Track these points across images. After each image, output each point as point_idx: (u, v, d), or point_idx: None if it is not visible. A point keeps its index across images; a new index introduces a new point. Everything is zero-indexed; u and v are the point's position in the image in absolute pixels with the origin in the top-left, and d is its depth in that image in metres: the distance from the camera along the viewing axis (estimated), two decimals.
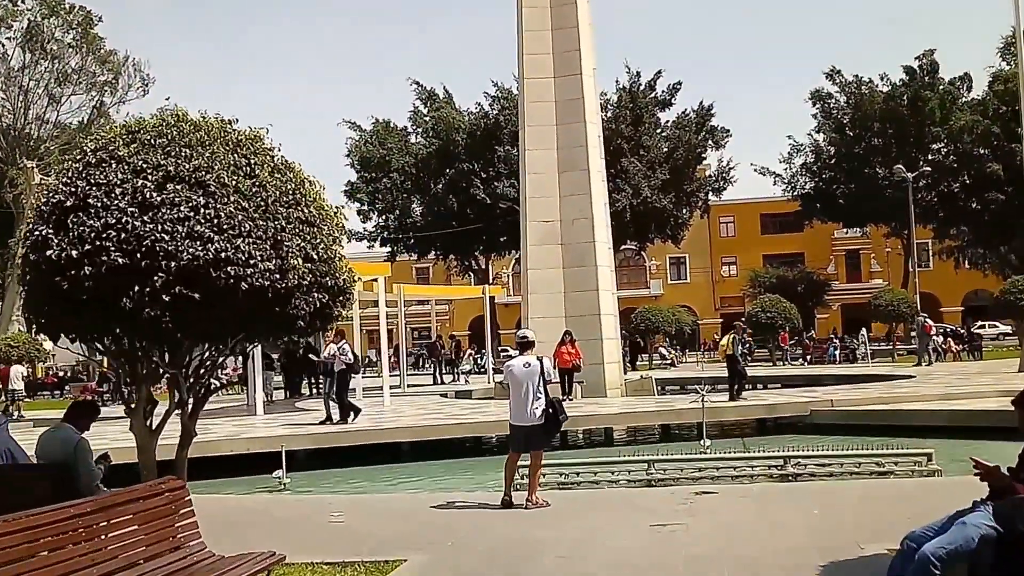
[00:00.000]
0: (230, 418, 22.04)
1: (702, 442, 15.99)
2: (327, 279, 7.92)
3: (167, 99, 61.52)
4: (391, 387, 25.13)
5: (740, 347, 21.69)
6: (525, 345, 10.58)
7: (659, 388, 30.05)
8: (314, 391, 30.19)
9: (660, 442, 19.11)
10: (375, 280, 23.12)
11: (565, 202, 25.16)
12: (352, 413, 18.91)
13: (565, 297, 24.88)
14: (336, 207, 8.60)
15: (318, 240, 7.77)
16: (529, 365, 10.30)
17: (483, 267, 54.48)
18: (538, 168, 25.39)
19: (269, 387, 27.33)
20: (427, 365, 39.06)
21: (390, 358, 27.04)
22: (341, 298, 8.28)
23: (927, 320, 34.63)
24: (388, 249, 52.86)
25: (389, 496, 13.48)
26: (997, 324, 46.23)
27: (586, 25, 26.03)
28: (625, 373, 30.63)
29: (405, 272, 68.23)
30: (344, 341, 19.17)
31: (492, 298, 50.08)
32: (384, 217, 52.24)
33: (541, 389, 10.21)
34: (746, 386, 21.33)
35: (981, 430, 16.44)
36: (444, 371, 33.93)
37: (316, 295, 7.80)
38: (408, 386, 32.51)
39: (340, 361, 18.74)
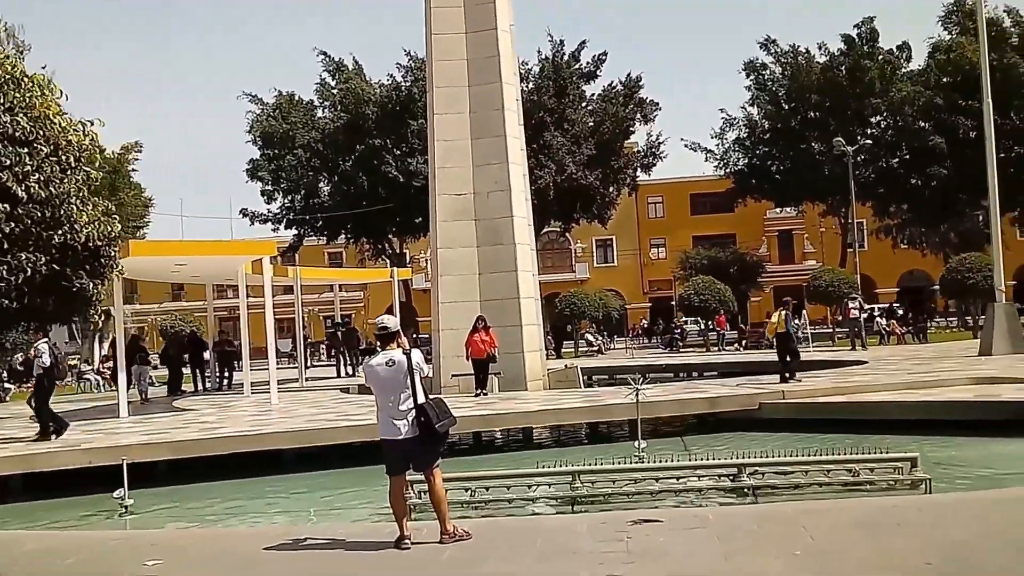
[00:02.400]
0: (89, 422, 18.75)
1: (636, 444, 13.43)
2: (54, 232, 4.94)
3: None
4: (280, 382, 22.06)
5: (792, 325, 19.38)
6: (386, 337, 7.76)
7: (586, 378, 27.68)
8: (201, 386, 26.90)
9: (589, 442, 16.59)
10: (261, 261, 19.91)
11: (479, 172, 22.37)
12: (54, 428, 15.33)
13: (480, 279, 22.14)
14: (81, 122, 5.56)
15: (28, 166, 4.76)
16: (393, 363, 7.58)
17: (397, 250, 51.22)
18: (448, 134, 22.54)
19: (144, 384, 23.96)
20: (332, 356, 35.82)
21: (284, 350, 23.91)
22: (93, 264, 5.29)
23: (858, 299, 32.74)
24: (294, 232, 49.35)
25: (239, 531, 10.52)
26: (881, 306, 44.47)
27: None
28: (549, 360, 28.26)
29: (317, 256, 64.66)
30: (44, 339, 15.66)
31: (406, 282, 47.13)
32: (290, 198, 48.63)
33: (412, 392, 7.55)
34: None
35: (959, 425, 14.17)
36: (356, 363, 30.79)
37: (30, 256, 4.81)
38: (308, 380, 29.37)
39: (37, 365, 15.39)
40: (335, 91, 47.23)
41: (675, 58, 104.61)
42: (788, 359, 18.62)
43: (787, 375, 18.37)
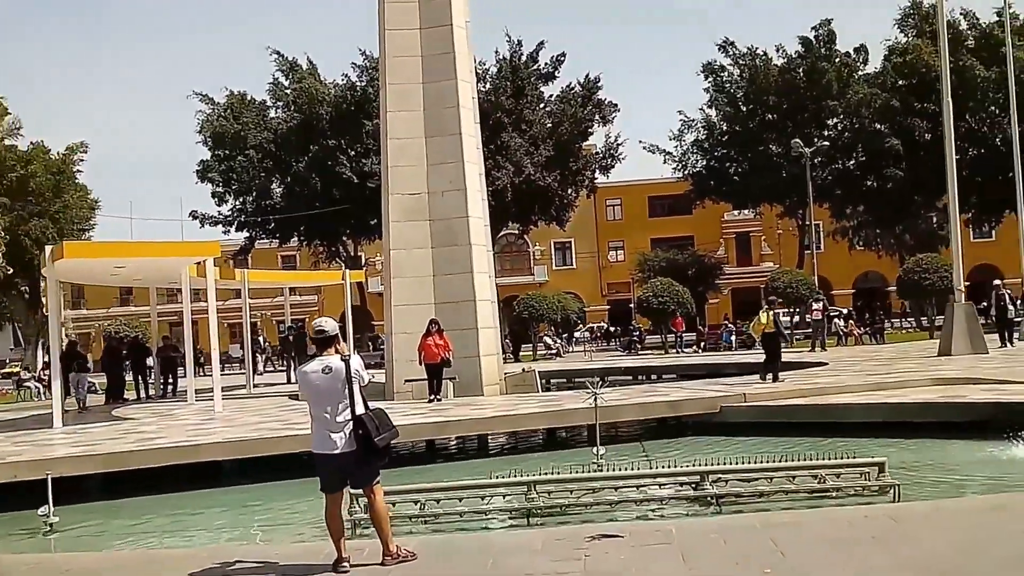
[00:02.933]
0: (21, 432, 17.80)
1: (595, 451, 12.88)
2: None
3: None
4: (227, 389, 21.21)
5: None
6: (323, 342, 7.10)
7: (544, 382, 27.17)
8: (144, 394, 25.91)
9: (546, 449, 15.98)
10: (205, 263, 19.04)
11: (433, 171, 21.75)
12: None
13: (434, 281, 21.52)
14: None
15: None
16: (330, 370, 6.90)
17: (352, 253, 50.26)
18: (401, 132, 21.89)
19: (82, 392, 22.92)
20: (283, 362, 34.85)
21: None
22: None
23: (822, 300, 32.53)
24: (245, 235, 48.21)
25: (164, 553, 9.76)
26: (840, 310, 44.34)
27: None
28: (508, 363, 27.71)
29: (270, 259, 63.40)
30: None
31: (360, 285, 46.17)
32: (241, 200, 47.51)
33: (350, 402, 6.92)
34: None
35: (924, 428, 13.81)
36: None
37: None
38: (257, 386, 28.51)
39: None
40: (288, 91, 46.28)
41: (634, 60, 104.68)
42: (773, 360, 18.54)
43: (774, 375, 18.20)
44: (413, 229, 21.64)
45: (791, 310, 38.24)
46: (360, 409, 6.93)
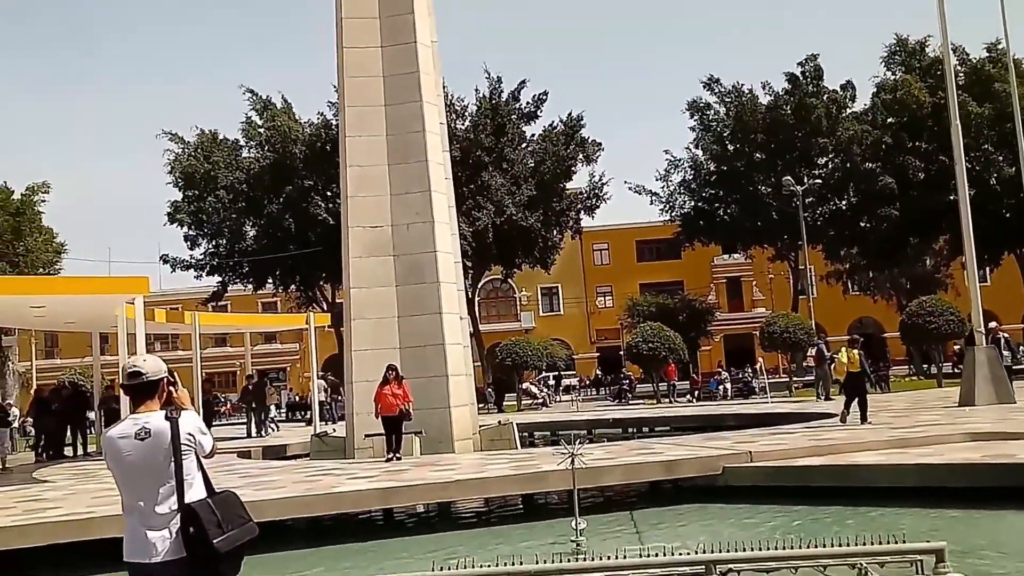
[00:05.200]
0: None
1: (574, 524, 10.58)
2: None
3: None
4: None
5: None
6: (140, 390, 4.72)
7: (526, 435, 24.91)
8: (83, 450, 23.41)
9: (521, 517, 13.65)
10: (134, 302, 16.73)
11: (397, 202, 19.73)
12: None
13: (399, 322, 19.40)
14: None
15: None
16: (147, 434, 4.53)
17: (330, 298, 47.86)
18: (361, 159, 19.91)
19: (3, 448, 20.45)
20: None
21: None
22: None
23: (823, 344, 30.28)
24: (218, 279, 45.89)
25: None
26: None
27: None
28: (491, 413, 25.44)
29: (249, 305, 61.21)
30: None
31: (339, 331, 43.72)
32: (215, 243, 45.29)
33: (177, 484, 4.59)
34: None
35: (963, 493, 11.53)
36: (265, 421, 27.50)
37: None
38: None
39: None
40: (262, 129, 44.34)
41: (617, 98, 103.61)
42: (861, 401, 17.99)
43: (863, 416, 17.76)
44: (375, 265, 19.57)
45: (786, 356, 36.11)
46: (197, 494, 4.60)
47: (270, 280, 46.19)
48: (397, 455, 16.57)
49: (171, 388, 4.81)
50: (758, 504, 12.70)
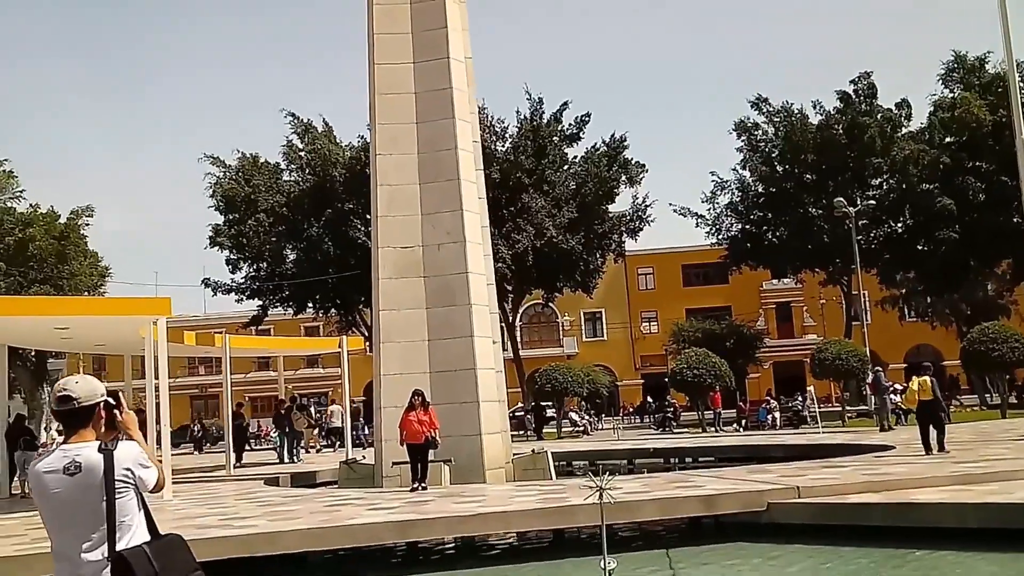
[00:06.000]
0: None
1: (602, 565, 9.67)
2: None
3: None
4: (209, 470, 18.23)
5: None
6: (71, 417, 4.01)
7: (563, 465, 24.00)
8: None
9: (550, 553, 12.76)
10: (157, 323, 16.21)
11: (428, 222, 19.11)
12: None
13: (429, 346, 18.67)
14: None
15: None
16: (77, 469, 3.78)
17: (369, 321, 47.29)
18: (392, 178, 19.33)
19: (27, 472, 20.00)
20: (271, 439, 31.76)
21: (194, 431, 20.06)
22: None
23: (880, 372, 28.90)
24: (258, 303, 45.66)
25: None
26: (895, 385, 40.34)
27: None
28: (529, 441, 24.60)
29: (293, 329, 60.98)
30: None
31: (370, 353, 43.11)
32: (255, 266, 45.12)
33: (108, 527, 3.84)
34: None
35: None
36: (296, 447, 26.90)
37: None
38: (245, 465, 25.52)
39: None
40: (303, 153, 44.18)
41: (662, 119, 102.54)
42: (938, 429, 17.50)
43: (940, 444, 17.24)
44: (405, 287, 18.93)
45: (838, 384, 34.75)
46: (137, 538, 3.87)
47: (310, 304, 45.84)
48: (422, 485, 15.78)
49: (115, 412, 4.14)
50: (806, 544, 11.73)
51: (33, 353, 43.36)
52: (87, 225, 44.33)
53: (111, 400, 4.15)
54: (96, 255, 46.93)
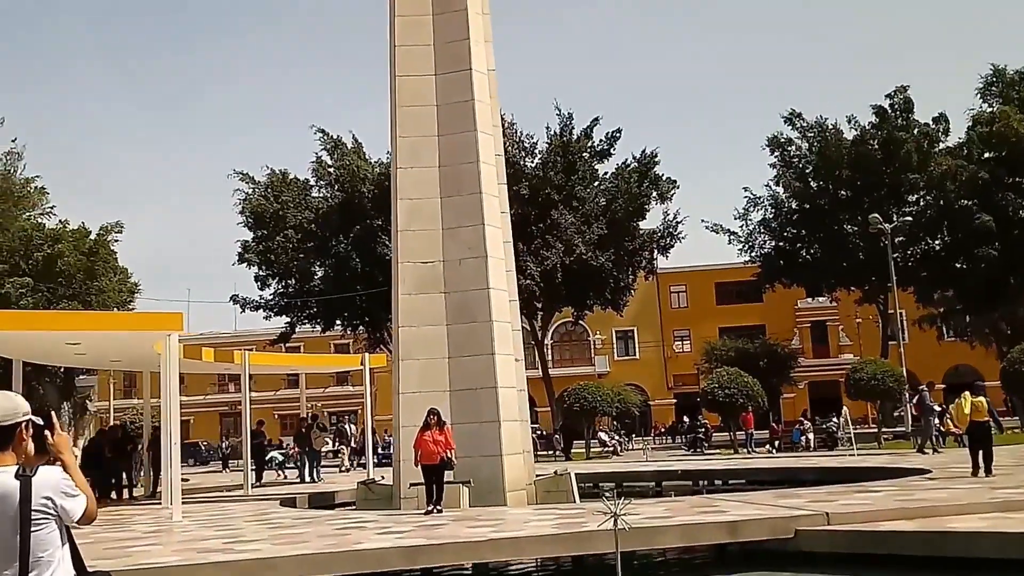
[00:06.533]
0: None
1: None
2: None
3: (13, 140, 54.13)
4: (227, 489, 17.88)
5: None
6: None
7: (589, 486, 23.36)
8: (128, 493, 22.68)
9: None
10: (169, 339, 15.90)
11: (449, 236, 18.70)
12: None
13: (449, 364, 18.22)
14: None
15: None
16: None
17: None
18: (413, 192, 18.95)
19: None
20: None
21: (223, 449, 19.73)
22: None
23: (926, 392, 27.99)
24: (286, 320, 45.56)
25: None
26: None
27: (477, 9, 19.97)
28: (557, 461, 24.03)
29: (322, 346, 60.84)
30: None
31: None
32: (284, 283, 45.03)
33: (21, 562, 3.40)
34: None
35: None
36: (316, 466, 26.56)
37: None
38: (263, 485, 25.17)
39: None
40: (332, 169, 44.10)
41: (693, 134, 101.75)
42: (987, 453, 17.03)
43: (987, 468, 16.74)
44: (426, 303, 18.50)
45: (873, 405, 33.80)
46: (59, 575, 3.47)
47: (338, 321, 45.64)
48: (438, 507, 15.29)
49: (47, 433, 3.75)
50: (836, 574, 11.09)
51: (62, 370, 43.46)
52: (116, 241, 44.49)
53: (38, 420, 3.75)
54: (126, 271, 47.07)
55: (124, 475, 22.55)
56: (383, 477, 21.50)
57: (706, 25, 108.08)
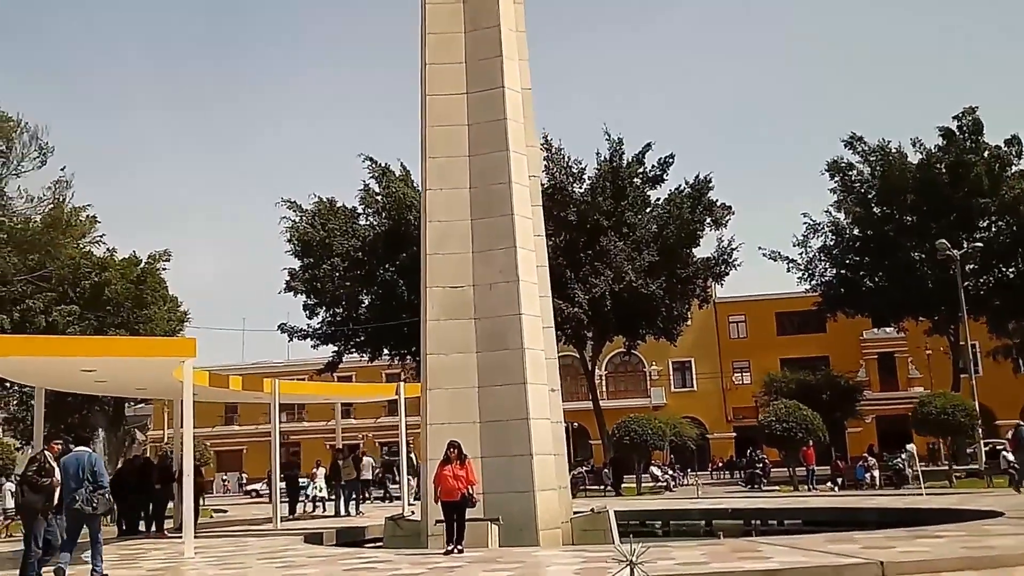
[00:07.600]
0: None
1: None
2: None
3: (62, 169, 54.63)
4: (253, 523, 17.10)
5: None
6: None
7: (635, 524, 22.14)
8: (156, 525, 22.02)
9: None
10: (182, 365, 15.20)
11: (480, 260, 17.90)
12: None
13: (479, 393, 17.33)
14: None
15: None
16: None
17: None
18: (442, 213, 18.22)
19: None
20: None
21: (236, 482, 18.95)
22: None
23: (1022, 426, 26.12)
24: (333, 349, 45.02)
25: None
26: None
27: (511, 26, 19.24)
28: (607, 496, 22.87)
29: (374, 375, 60.26)
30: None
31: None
32: (331, 311, 44.56)
33: None
34: None
35: None
36: (352, 498, 25.69)
37: None
38: (294, 518, 24.33)
39: None
40: (379, 196, 43.65)
41: (748, 157, 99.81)
42: None
43: None
44: (454, 329, 17.68)
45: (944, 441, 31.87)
46: None
47: (385, 349, 44.97)
48: (459, 547, 14.25)
49: None
50: None
51: (111, 400, 43.46)
52: (164, 269, 44.48)
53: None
54: (175, 300, 47.04)
55: (152, 506, 21.87)
56: (413, 512, 20.56)
57: (762, 47, 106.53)
